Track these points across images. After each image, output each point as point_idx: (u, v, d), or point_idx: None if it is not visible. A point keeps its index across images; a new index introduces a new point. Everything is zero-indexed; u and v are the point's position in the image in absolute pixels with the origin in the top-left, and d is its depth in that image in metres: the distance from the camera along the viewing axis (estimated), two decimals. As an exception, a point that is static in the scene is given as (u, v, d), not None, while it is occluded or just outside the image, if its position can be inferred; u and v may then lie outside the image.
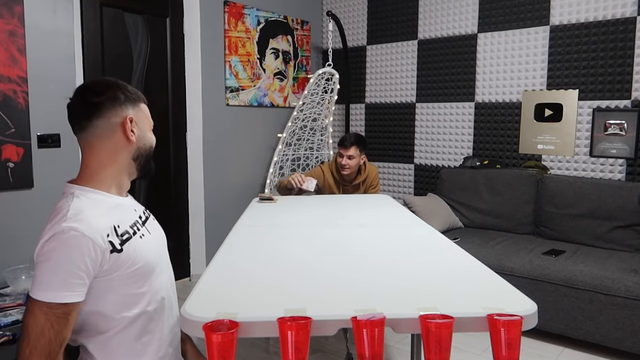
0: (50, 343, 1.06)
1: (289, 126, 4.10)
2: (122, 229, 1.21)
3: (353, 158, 3.11)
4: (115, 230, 1.19)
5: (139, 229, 1.28)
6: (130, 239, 1.22)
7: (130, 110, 1.26)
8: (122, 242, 1.19)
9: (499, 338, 1.04)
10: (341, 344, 2.80)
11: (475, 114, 3.91)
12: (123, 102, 1.25)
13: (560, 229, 3.29)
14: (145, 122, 1.31)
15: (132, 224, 1.26)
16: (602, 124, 3.35)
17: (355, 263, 1.56)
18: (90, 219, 1.13)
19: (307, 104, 4.16)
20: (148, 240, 1.29)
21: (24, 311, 1.09)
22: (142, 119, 1.30)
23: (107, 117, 1.22)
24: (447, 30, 3.99)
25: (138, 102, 1.29)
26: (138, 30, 3.36)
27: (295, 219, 2.32)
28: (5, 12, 2.53)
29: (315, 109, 4.21)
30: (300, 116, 4.17)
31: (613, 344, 2.61)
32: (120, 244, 1.18)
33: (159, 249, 1.34)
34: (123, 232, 1.21)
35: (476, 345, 2.77)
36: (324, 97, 4.17)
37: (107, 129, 1.22)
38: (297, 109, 4.11)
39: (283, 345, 1.01)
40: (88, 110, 1.21)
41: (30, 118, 2.65)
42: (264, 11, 4.10)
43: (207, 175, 3.75)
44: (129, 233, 1.23)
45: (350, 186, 3.30)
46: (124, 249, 1.19)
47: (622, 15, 3.25)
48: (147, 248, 1.26)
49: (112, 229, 1.18)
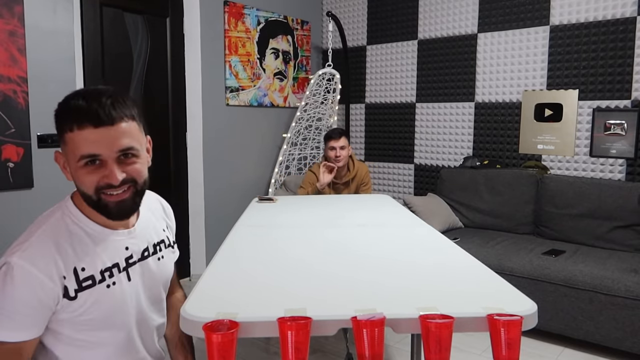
0: None
1: (293, 126, 4.12)
2: (87, 273, 1.07)
3: (344, 148, 3.26)
4: (76, 274, 1.05)
5: (112, 274, 1.11)
6: (91, 287, 1.07)
7: (60, 144, 1.05)
8: (80, 289, 1.06)
9: (499, 338, 1.04)
10: (341, 344, 2.80)
11: (475, 114, 3.91)
12: (58, 133, 1.04)
13: (560, 229, 3.29)
14: (70, 158, 1.03)
15: (106, 267, 1.11)
16: (602, 124, 3.35)
17: (355, 263, 1.56)
18: (46, 256, 1.01)
19: (311, 104, 4.19)
20: (118, 290, 1.12)
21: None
22: (67, 154, 1.04)
23: None
24: (447, 30, 3.99)
25: (64, 132, 1.02)
26: (138, 30, 3.36)
27: (295, 219, 2.32)
28: (5, 12, 2.53)
29: (319, 109, 4.23)
30: (305, 116, 4.20)
31: (613, 344, 2.61)
32: (75, 291, 1.05)
33: (133, 299, 1.17)
34: (86, 278, 1.07)
35: (476, 345, 2.77)
36: (326, 96, 4.18)
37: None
38: (300, 109, 4.13)
39: (283, 345, 1.01)
40: None
41: (30, 118, 2.65)
42: (264, 11, 4.10)
43: (207, 175, 3.75)
44: (93, 280, 1.08)
45: (341, 183, 3.36)
46: (79, 296, 1.05)
47: (622, 15, 3.25)
48: (112, 299, 1.11)
49: (73, 271, 1.05)
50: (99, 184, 1.04)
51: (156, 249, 1.26)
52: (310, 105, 4.19)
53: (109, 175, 1.03)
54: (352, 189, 3.38)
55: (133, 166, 1.07)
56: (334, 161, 3.26)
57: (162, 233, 1.32)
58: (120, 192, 1.06)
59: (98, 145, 1.01)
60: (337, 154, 3.23)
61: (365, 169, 3.41)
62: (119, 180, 1.04)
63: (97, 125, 1.00)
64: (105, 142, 1.01)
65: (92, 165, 1.03)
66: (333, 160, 3.26)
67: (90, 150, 1.01)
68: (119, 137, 1.02)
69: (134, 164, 1.07)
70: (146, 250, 1.22)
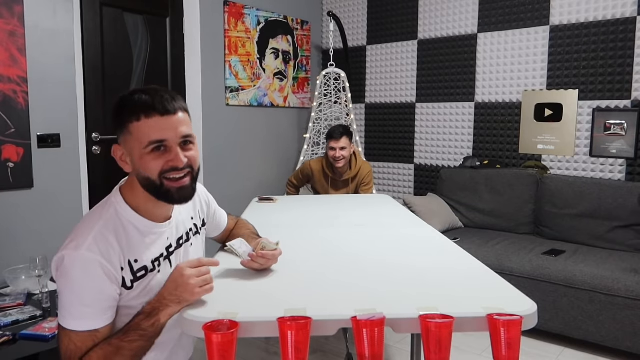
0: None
1: (311, 127, 4.19)
2: (140, 264, 1.16)
3: (345, 149, 3.20)
4: (131, 266, 1.14)
5: (160, 264, 1.22)
6: (144, 276, 1.17)
7: (120, 137, 1.15)
8: (135, 279, 1.15)
9: (499, 338, 1.04)
10: (341, 344, 2.80)
11: (475, 114, 3.91)
12: (116, 127, 1.15)
13: (560, 229, 3.29)
14: (135, 147, 1.12)
15: (155, 257, 1.21)
16: (602, 124, 3.35)
17: (355, 263, 1.56)
18: (110, 249, 1.10)
19: (325, 103, 4.24)
20: (164, 277, 1.20)
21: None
22: (131, 144, 1.13)
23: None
24: (447, 30, 3.99)
25: (128, 123, 1.11)
26: (138, 30, 3.36)
27: (295, 219, 2.32)
28: (5, 12, 2.53)
29: (335, 108, 4.27)
30: (322, 116, 4.26)
31: (613, 344, 2.61)
32: (132, 281, 1.15)
33: None
34: (140, 268, 1.16)
35: (476, 345, 2.77)
36: (339, 95, 4.20)
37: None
38: (315, 109, 4.18)
39: (283, 345, 1.01)
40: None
41: (30, 118, 2.65)
42: (264, 11, 4.10)
43: (207, 175, 3.75)
44: (146, 270, 1.18)
45: (341, 181, 3.33)
46: (135, 286, 1.15)
47: (622, 15, 3.25)
48: (160, 286, 1.18)
49: (128, 263, 1.14)
50: (164, 168, 1.12)
51: (188, 237, 1.35)
52: (325, 105, 4.25)
53: (175, 159, 1.12)
54: (352, 188, 3.35)
55: (191, 152, 1.17)
56: (334, 161, 3.23)
57: (191, 221, 1.39)
58: (182, 176, 1.15)
59: (165, 132, 1.11)
60: (336, 154, 3.19)
61: (368, 168, 3.37)
62: (184, 162, 1.13)
63: (163, 114, 1.11)
64: (170, 129, 1.12)
65: (158, 152, 1.12)
66: (333, 160, 3.23)
67: (158, 136, 1.10)
68: (180, 125, 1.13)
69: (191, 150, 1.17)
70: (181, 238, 1.31)
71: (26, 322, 2.00)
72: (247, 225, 1.68)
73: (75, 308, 1.07)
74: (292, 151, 4.50)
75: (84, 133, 2.94)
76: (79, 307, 1.07)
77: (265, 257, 1.38)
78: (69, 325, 1.07)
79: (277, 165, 4.36)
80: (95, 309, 1.08)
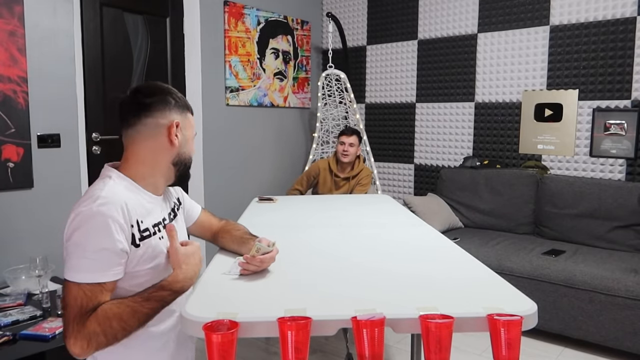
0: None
1: (319, 126, 4.28)
2: (145, 225, 1.24)
3: (353, 146, 3.47)
4: (138, 225, 1.21)
5: (160, 230, 1.29)
6: (149, 237, 1.24)
7: (177, 116, 1.31)
8: (142, 238, 1.22)
9: (499, 338, 1.04)
10: (341, 344, 2.80)
11: (475, 114, 3.91)
12: (173, 106, 1.30)
13: (560, 229, 3.29)
14: (189, 130, 1.35)
15: (155, 223, 1.28)
16: (602, 124, 3.35)
17: (355, 263, 1.56)
18: (120, 207, 1.16)
19: (329, 104, 4.27)
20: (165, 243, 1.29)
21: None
22: (187, 126, 1.34)
23: (155, 118, 1.26)
24: (447, 30, 3.99)
25: (186, 110, 1.34)
26: (138, 30, 3.36)
27: (295, 219, 2.32)
28: (5, 12, 2.53)
29: (339, 108, 4.31)
30: (328, 116, 4.31)
31: (613, 344, 2.61)
32: (139, 239, 1.21)
33: None
34: (144, 229, 1.23)
35: (476, 345, 2.77)
36: (342, 95, 4.21)
37: (153, 128, 1.26)
38: (320, 110, 4.24)
39: (283, 345, 1.01)
40: (138, 109, 1.26)
41: (30, 118, 2.65)
42: (264, 11, 4.10)
43: (207, 175, 3.75)
44: (149, 232, 1.25)
45: (341, 178, 3.52)
46: (141, 245, 1.21)
47: (622, 15, 3.25)
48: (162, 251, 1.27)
49: (136, 222, 1.21)
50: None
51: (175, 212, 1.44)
52: (330, 105, 4.28)
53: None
54: (350, 186, 3.51)
55: None
56: (341, 155, 3.47)
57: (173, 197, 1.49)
58: None
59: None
60: (345, 149, 3.46)
61: (368, 172, 3.53)
62: None
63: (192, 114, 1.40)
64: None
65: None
66: (340, 154, 3.47)
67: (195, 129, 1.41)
68: None
69: None
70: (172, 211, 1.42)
71: (26, 322, 2.00)
72: (238, 226, 1.70)
73: (85, 261, 1.11)
74: (291, 151, 4.50)
75: (84, 133, 2.94)
76: (89, 260, 1.11)
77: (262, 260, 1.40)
78: (75, 278, 1.11)
79: (277, 165, 4.36)
80: (103, 263, 1.13)
